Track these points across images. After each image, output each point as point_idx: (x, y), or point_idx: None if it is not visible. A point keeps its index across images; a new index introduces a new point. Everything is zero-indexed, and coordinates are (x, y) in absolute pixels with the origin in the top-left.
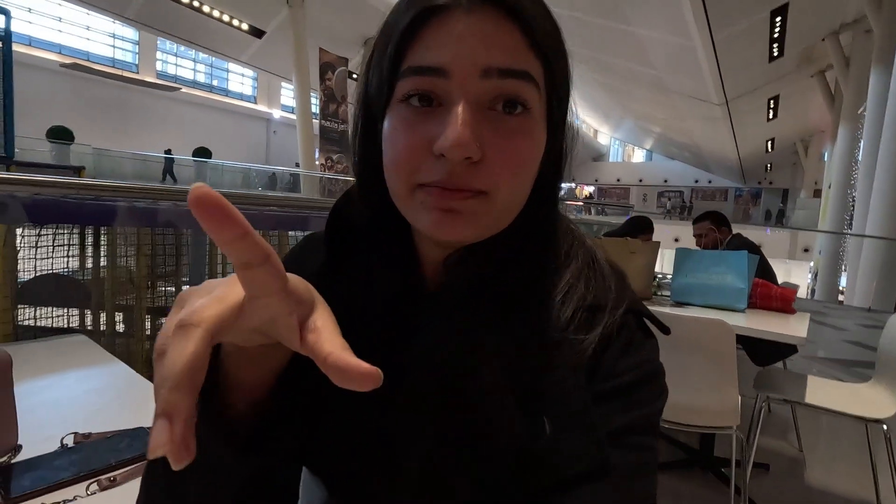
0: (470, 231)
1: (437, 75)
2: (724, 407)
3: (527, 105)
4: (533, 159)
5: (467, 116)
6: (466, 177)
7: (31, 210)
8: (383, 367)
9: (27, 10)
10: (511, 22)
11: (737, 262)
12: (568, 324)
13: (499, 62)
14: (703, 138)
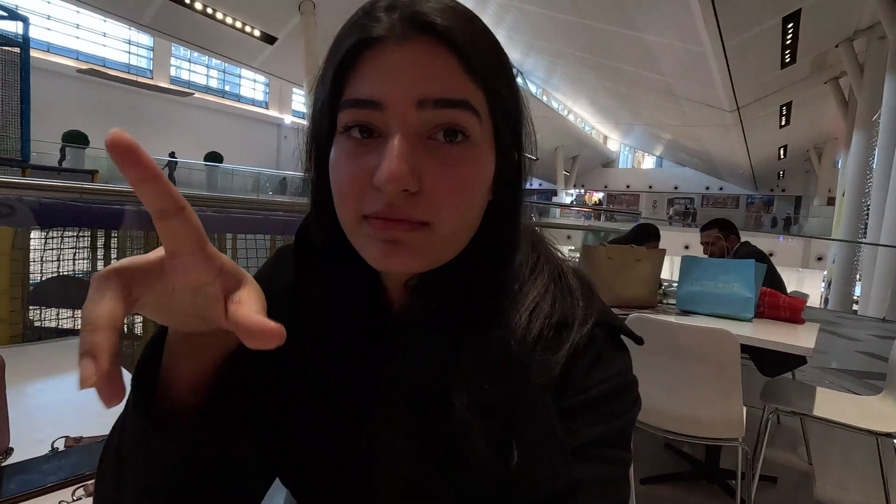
0: (414, 263)
1: (373, 108)
2: (729, 418)
3: (467, 132)
4: (476, 187)
5: (402, 149)
6: (406, 208)
7: (38, 213)
8: (356, 388)
9: (46, 17)
10: (446, 50)
11: (744, 270)
12: (535, 342)
13: (433, 93)
14: (713, 145)
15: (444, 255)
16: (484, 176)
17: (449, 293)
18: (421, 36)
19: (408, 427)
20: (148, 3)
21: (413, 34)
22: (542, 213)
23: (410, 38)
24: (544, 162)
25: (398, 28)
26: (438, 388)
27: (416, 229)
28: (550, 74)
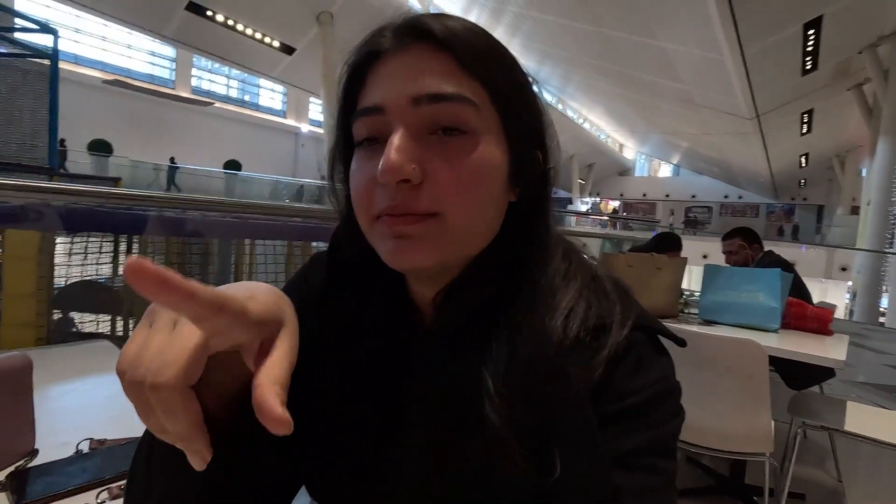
0: (425, 255)
1: (376, 113)
2: (756, 432)
3: (465, 127)
4: (482, 177)
5: (400, 142)
6: (410, 200)
7: (65, 218)
8: (381, 400)
9: (75, 30)
10: (442, 51)
11: (769, 279)
12: (572, 347)
13: (428, 88)
14: (732, 153)
15: (458, 248)
16: (492, 167)
17: (478, 304)
18: (418, 43)
19: (433, 442)
20: (171, 16)
21: (411, 42)
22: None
23: (409, 46)
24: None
25: (398, 40)
26: (466, 404)
27: (424, 220)
28: (566, 83)
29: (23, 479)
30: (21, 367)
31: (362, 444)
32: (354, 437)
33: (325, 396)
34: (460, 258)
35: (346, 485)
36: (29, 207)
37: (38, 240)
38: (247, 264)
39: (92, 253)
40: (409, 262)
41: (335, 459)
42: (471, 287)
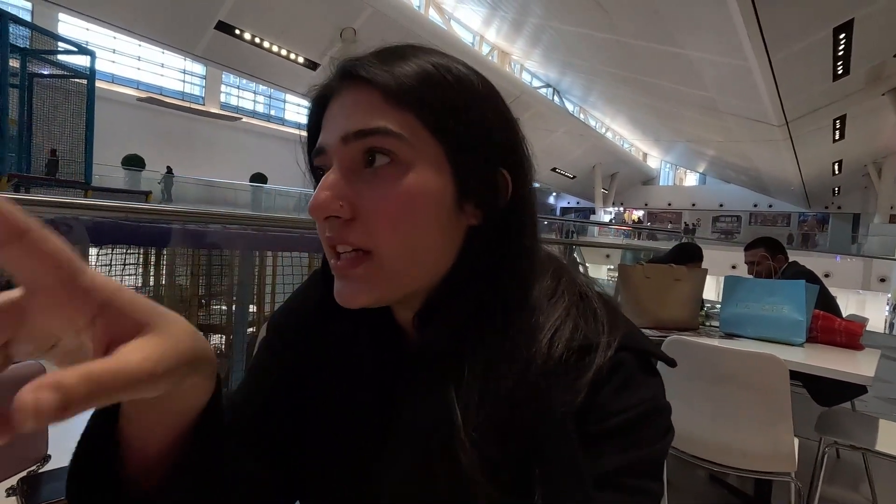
0: (364, 296)
1: (322, 154)
2: (778, 451)
3: (393, 157)
4: (413, 206)
5: (327, 180)
6: (344, 234)
7: (92, 232)
8: (370, 423)
9: (112, 51)
10: (371, 89)
11: (793, 291)
12: (556, 368)
13: (353, 126)
14: (761, 161)
15: (398, 283)
16: (425, 195)
17: (452, 330)
18: (350, 84)
19: (413, 471)
20: (202, 35)
21: (345, 85)
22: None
23: (345, 88)
24: (582, 180)
25: (335, 84)
26: (441, 436)
27: (359, 263)
28: (588, 93)
29: (34, 484)
30: (34, 374)
31: (350, 463)
32: (343, 455)
33: (318, 412)
34: (407, 289)
35: (337, 500)
36: (59, 222)
37: None
38: (269, 273)
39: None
40: (349, 302)
41: (326, 477)
42: (443, 313)
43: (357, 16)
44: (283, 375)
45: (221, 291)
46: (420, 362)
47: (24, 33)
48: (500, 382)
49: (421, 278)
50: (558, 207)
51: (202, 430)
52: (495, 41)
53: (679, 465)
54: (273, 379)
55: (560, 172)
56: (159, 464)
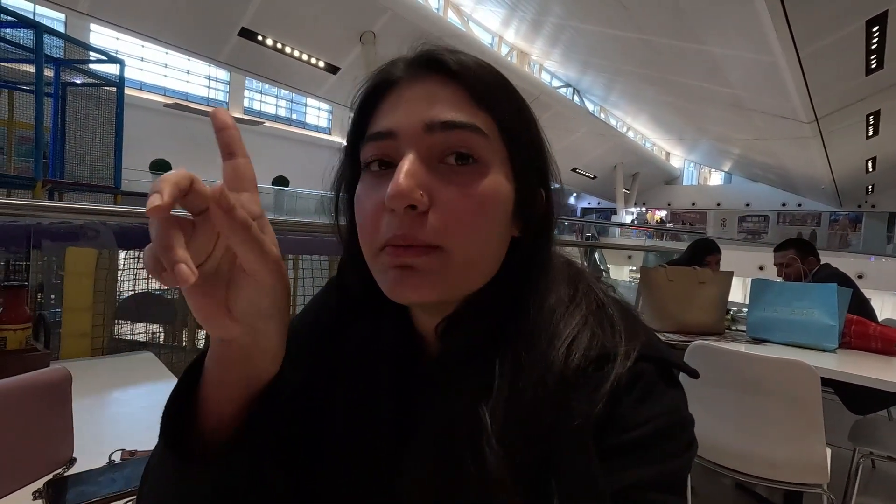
0: (427, 290)
1: (388, 138)
2: (809, 461)
3: (476, 155)
4: (489, 209)
5: (410, 167)
6: (416, 228)
7: (119, 236)
8: (389, 432)
9: (140, 59)
10: (453, 82)
11: (824, 295)
12: (574, 379)
13: (441, 116)
14: (789, 159)
15: (460, 284)
16: (499, 200)
17: (477, 338)
18: (432, 74)
19: (433, 477)
20: (226, 42)
21: (424, 73)
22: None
23: (422, 76)
24: (603, 180)
25: (412, 69)
26: (466, 441)
27: (428, 253)
28: (609, 92)
29: (59, 488)
30: (61, 380)
31: (367, 468)
32: (360, 461)
33: (335, 421)
34: (463, 292)
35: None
36: (87, 227)
37: (96, 257)
38: (291, 279)
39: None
40: (409, 296)
41: (342, 481)
42: (470, 321)
43: (376, 20)
44: (301, 381)
45: None
46: (442, 368)
47: (58, 44)
48: (522, 389)
49: (475, 282)
50: (578, 208)
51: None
52: (514, 41)
53: (704, 473)
54: (291, 385)
55: (580, 173)
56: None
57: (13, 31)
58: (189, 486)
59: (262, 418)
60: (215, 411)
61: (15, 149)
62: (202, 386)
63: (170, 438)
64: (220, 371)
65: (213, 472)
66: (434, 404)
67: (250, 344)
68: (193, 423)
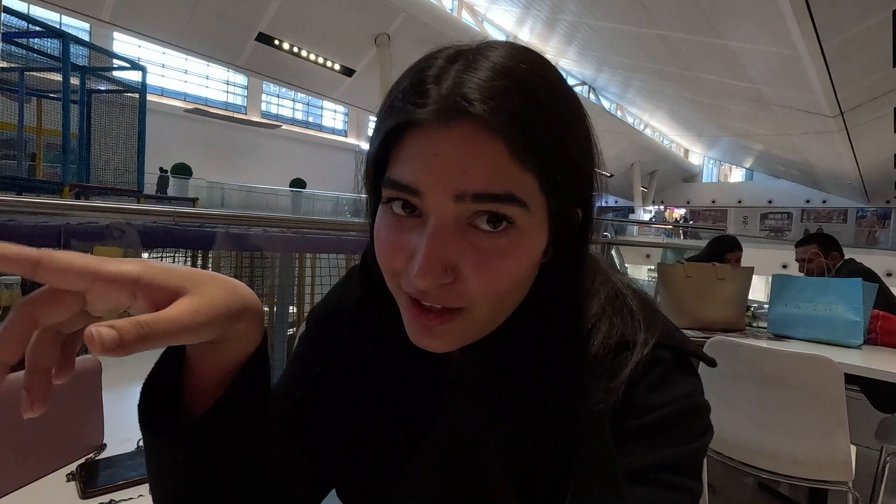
0: (447, 345)
1: (411, 194)
2: (833, 458)
3: (511, 220)
4: (518, 274)
5: (434, 247)
6: (441, 296)
7: (143, 236)
8: (406, 428)
9: (161, 66)
10: (492, 135)
11: (849, 290)
12: (593, 366)
13: (473, 187)
14: (813, 154)
15: (481, 334)
16: (529, 260)
17: (502, 351)
18: (464, 119)
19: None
20: (243, 47)
21: (456, 116)
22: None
23: (454, 122)
24: (620, 178)
25: (442, 111)
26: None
27: (449, 319)
28: (625, 89)
29: (91, 470)
30: (92, 369)
31: (385, 460)
32: (378, 449)
33: (354, 409)
34: (481, 336)
35: (369, 494)
36: (113, 226)
37: (121, 255)
38: (308, 276)
39: None
40: (430, 349)
41: (361, 469)
42: (493, 339)
43: (391, 21)
44: (323, 368)
45: (263, 293)
46: (464, 370)
47: (84, 52)
48: (542, 384)
49: (497, 324)
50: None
51: (248, 372)
52: (529, 40)
53: (725, 470)
54: (312, 371)
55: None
56: (210, 395)
57: (41, 42)
58: (164, 458)
59: (243, 391)
60: (196, 390)
61: (43, 155)
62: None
63: (147, 416)
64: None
65: (188, 443)
66: (450, 401)
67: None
68: (171, 401)
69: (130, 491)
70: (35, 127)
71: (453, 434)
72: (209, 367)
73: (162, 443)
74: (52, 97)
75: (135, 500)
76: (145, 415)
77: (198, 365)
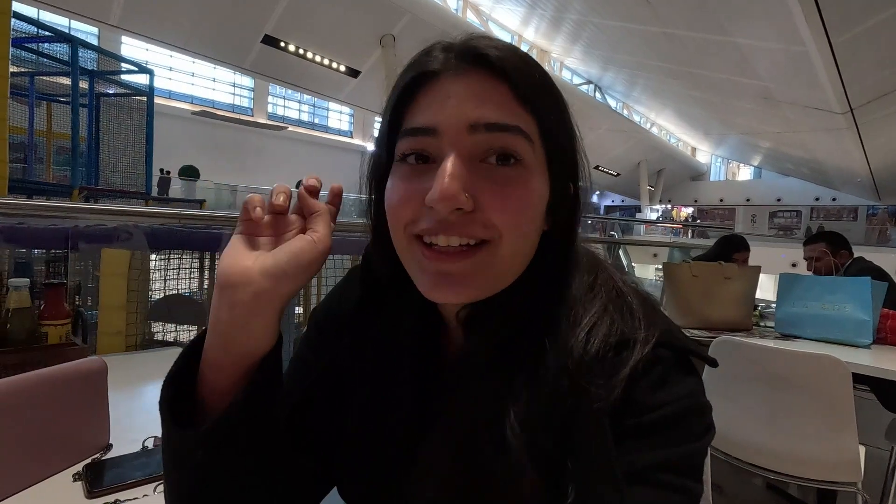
0: (467, 292)
1: (429, 135)
2: (841, 459)
3: (519, 156)
4: (531, 208)
5: (455, 169)
6: (461, 225)
7: (150, 238)
8: (409, 420)
9: (168, 69)
10: (499, 80)
11: (858, 289)
12: (593, 364)
13: (486, 117)
14: (822, 152)
15: (498, 281)
16: (538, 199)
17: (502, 327)
18: (475, 68)
19: (454, 464)
20: (249, 49)
21: (467, 66)
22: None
23: (464, 70)
24: (627, 177)
25: (453, 62)
26: (488, 430)
27: (471, 255)
28: (631, 87)
29: (97, 470)
30: (98, 370)
31: (388, 459)
32: (381, 447)
33: (357, 406)
34: (496, 291)
35: (371, 492)
36: (120, 229)
37: (128, 258)
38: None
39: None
40: (447, 297)
41: (362, 468)
42: (495, 310)
43: (396, 22)
44: (323, 368)
45: None
46: (464, 357)
47: (92, 56)
48: (544, 377)
49: (512, 279)
50: (602, 206)
51: (261, 373)
52: (534, 40)
53: (732, 471)
54: (313, 371)
55: (603, 170)
56: (226, 398)
57: (50, 46)
58: (184, 453)
59: (258, 391)
60: (213, 388)
61: (53, 158)
62: (200, 366)
63: (168, 411)
64: (216, 352)
65: (206, 439)
66: (455, 393)
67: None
68: (192, 398)
69: (136, 491)
70: (45, 131)
71: (454, 432)
72: (227, 365)
73: (184, 437)
74: (62, 101)
75: (140, 500)
76: (169, 409)
77: (216, 361)
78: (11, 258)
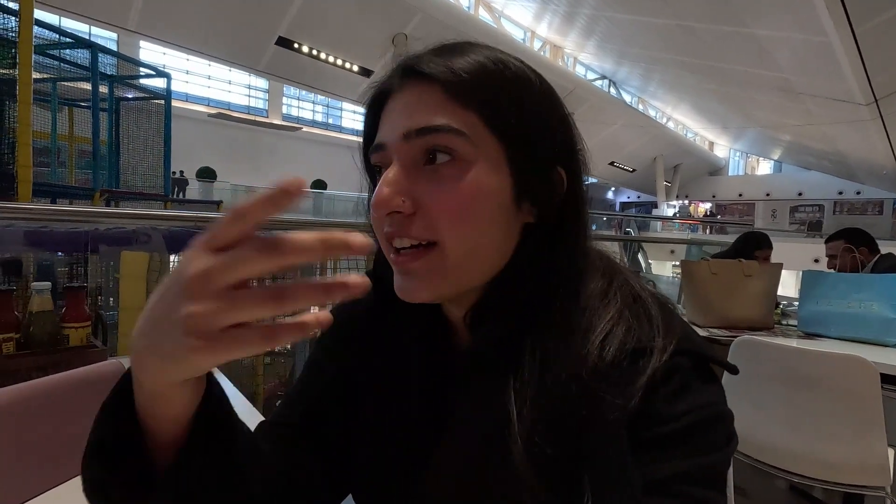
0: (426, 291)
1: (382, 150)
2: (868, 462)
3: (454, 153)
4: (473, 202)
5: (391, 176)
6: (406, 227)
7: (168, 240)
8: (420, 424)
9: (185, 73)
10: (433, 85)
11: (886, 287)
12: (608, 372)
13: (416, 123)
14: (846, 144)
15: (460, 279)
16: (486, 192)
17: (506, 329)
18: (411, 80)
19: (462, 469)
20: (264, 51)
21: (405, 80)
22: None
23: (404, 85)
24: (643, 173)
25: (397, 80)
26: (493, 435)
27: (424, 254)
28: (647, 82)
29: None
30: (115, 374)
31: (400, 459)
32: (393, 451)
33: (369, 411)
34: (467, 286)
35: (385, 497)
36: (139, 231)
37: (147, 260)
38: None
39: None
40: (409, 297)
41: (375, 472)
42: (497, 310)
43: (408, 21)
44: (336, 372)
45: None
46: (473, 360)
47: (111, 61)
48: (554, 382)
49: (480, 274)
50: (617, 203)
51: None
52: (547, 36)
53: (755, 474)
54: (326, 375)
55: (618, 166)
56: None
57: (71, 52)
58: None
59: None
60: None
61: (75, 161)
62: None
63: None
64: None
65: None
66: (466, 396)
67: None
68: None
69: None
70: (67, 135)
71: (463, 434)
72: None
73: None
74: (83, 105)
75: None
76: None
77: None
78: (34, 262)
